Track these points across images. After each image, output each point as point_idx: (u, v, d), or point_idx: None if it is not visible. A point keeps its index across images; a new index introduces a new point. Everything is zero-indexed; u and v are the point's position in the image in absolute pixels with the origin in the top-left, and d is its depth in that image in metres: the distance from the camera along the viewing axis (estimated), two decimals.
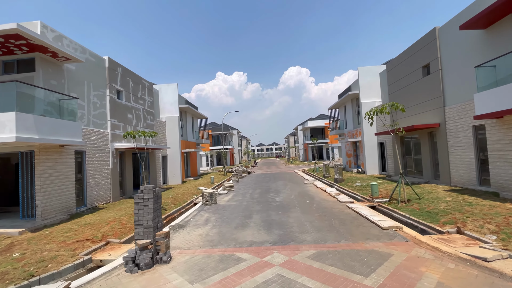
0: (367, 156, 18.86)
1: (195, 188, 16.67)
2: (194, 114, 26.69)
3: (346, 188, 14.06)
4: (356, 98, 22.45)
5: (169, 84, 20.01)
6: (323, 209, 9.77)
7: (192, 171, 24.96)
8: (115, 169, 12.99)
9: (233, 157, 54.51)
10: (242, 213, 9.73)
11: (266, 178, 23.08)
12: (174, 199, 12.77)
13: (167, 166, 19.31)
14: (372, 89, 19.15)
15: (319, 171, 23.88)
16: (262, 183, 18.97)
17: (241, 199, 12.81)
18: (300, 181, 19.01)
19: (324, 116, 50.90)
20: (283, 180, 20.69)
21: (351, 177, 17.60)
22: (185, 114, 24.31)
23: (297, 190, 14.85)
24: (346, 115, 25.29)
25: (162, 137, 18.93)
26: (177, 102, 19.92)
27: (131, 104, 14.91)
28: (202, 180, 21.47)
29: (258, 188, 16.53)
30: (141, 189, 5.73)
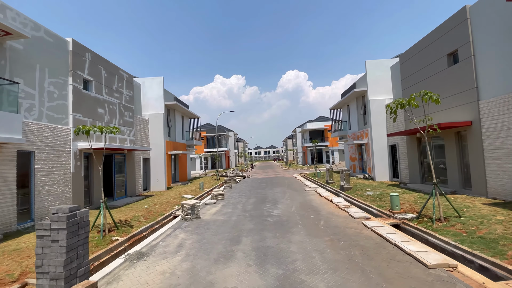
0: (376, 160, 16.73)
1: (180, 196, 14.39)
2: (184, 113, 24.46)
3: (356, 198, 11.88)
4: (362, 96, 20.40)
5: (153, 78, 17.81)
6: (333, 228, 7.56)
7: (181, 175, 22.66)
8: (78, 174, 10.69)
9: (228, 160, 52.21)
10: (228, 233, 7.49)
11: (263, 183, 20.85)
12: (149, 212, 10.48)
13: (149, 170, 17.02)
14: (381, 85, 17.09)
15: (321, 176, 21.69)
16: (257, 190, 16.73)
17: (230, 211, 10.55)
18: (301, 188, 16.81)
19: (324, 118, 48.92)
20: (281, 186, 18.47)
21: (358, 184, 15.42)
22: (174, 112, 22.07)
23: (298, 199, 12.64)
24: (350, 115, 23.21)
25: (144, 137, 16.67)
26: (163, 97, 17.70)
27: (104, 97, 12.66)
28: (191, 186, 19.18)
29: (253, 196, 14.28)
30: (51, 213, 3.50)
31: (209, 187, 19.20)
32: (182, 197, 14.05)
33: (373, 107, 16.95)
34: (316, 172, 23.38)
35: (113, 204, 11.93)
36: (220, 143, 46.73)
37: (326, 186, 16.77)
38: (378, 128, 16.80)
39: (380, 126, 16.78)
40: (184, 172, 23.32)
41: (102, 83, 12.67)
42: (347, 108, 24.11)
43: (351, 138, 22.55)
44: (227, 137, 51.74)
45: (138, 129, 15.99)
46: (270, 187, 18.27)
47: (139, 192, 15.65)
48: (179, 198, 13.70)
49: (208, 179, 23.98)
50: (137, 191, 15.40)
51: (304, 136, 50.07)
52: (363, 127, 20.41)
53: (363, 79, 19.48)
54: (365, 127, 19.79)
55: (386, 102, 16.84)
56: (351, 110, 22.72)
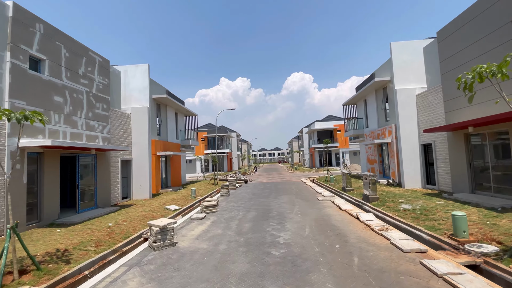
0: (405, 163, 13.65)
1: (163, 206, 11.59)
2: (178, 110, 21.76)
3: (390, 213, 8.89)
4: (383, 87, 17.38)
5: (137, 65, 15.13)
6: (377, 274, 4.63)
7: (174, 179, 19.89)
8: (18, 180, 7.98)
9: (231, 162, 49.43)
10: (206, 284, 4.61)
11: (266, 190, 17.92)
12: (110, 233, 7.68)
13: (131, 174, 14.28)
14: (410, 71, 14.07)
15: (334, 181, 18.65)
16: (259, 199, 13.82)
17: (220, 233, 7.68)
18: (312, 197, 13.85)
19: (333, 118, 45.81)
20: (288, 193, 15.52)
21: (384, 192, 12.40)
22: (165, 108, 19.38)
23: (312, 214, 9.70)
24: (368, 111, 20.17)
25: (125, 135, 13.95)
26: (148, 88, 14.99)
27: (63, 82, 9.97)
28: (183, 192, 16.37)
29: (253, 208, 11.37)
30: None
31: (204, 193, 16.37)
32: (165, 209, 11.24)
33: (401, 98, 13.92)
34: (328, 176, 20.34)
35: (70, 219, 9.18)
36: (222, 144, 44.00)
37: (343, 195, 13.77)
38: (407, 123, 13.76)
39: (409, 121, 13.74)
40: (177, 175, 20.57)
41: (61, 64, 9.98)
42: (363, 103, 21.07)
43: (369, 138, 19.49)
44: (230, 138, 49.00)
45: (116, 125, 13.29)
46: (275, 194, 15.33)
47: (115, 201, 12.90)
48: (161, 210, 10.89)
49: (205, 184, 21.16)
50: (112, 201, 12.66)
51: (311, 136, 46.98)
52: (384, 124, 17.37)
53: (386, 67, 16.48)
54: (388, 123, 16.75)
55: (417, 92, 13.80)
56: (369, 105, 19.68)
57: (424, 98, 13.10)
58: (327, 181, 19.64)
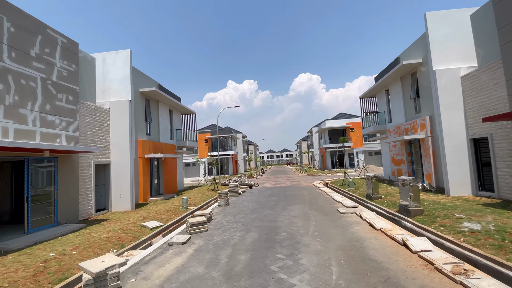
0: (450, 163, 10.72)
1: (140, 223, 9.09)
2: (173, 107, 19.39)
3: (450, 236, 6.09)
4: (411, 72, 14.50)
5: (117, 52, 12.78)
6: None
7: (168, 185, 17.47)
8: None
9: (236, 164, 46.89)
10: None
11: (273, 197, 15.23)
12: (38, 274, 5.18)
13: (110, 181, 11.88)
14: (452, 48, 11.18)
15: (354, 186, 15.79)
16: (264, 211, 11.15)
17: (199, 277, 5.05)
18: (331, 207, 11.09)
19: (345, 115, 42.71)
20: (299, 202, 12.80)
21: (426, 201, 9.53)
22: (157, 104, 17.03)
23: (336, 238, 6.95)
24: (391, 103, 17.27)
25: (100, 133, 11.58)
26: (130, 78, 12.60)
27: (4, 63, 7.64)
28: (173, 202, 13.88)
29: (255, 226, 8.69)
30: None
31: (199, 202, 13.82)
32: (141, 226, 8.74)
33: (442, 81, 11.03)
34: (346, 179, 17.46)
35: (6, 244, 6.77)
36: (226, 145, 41.55)
37: (369, 204, 10.96)
38: (451, 113, 10.85)
39: (453, 110, 10.84)
40: (172, 181, 18.14)
41: (2, 41, 7.66)
42: (385, 95, 18.17)
43: (394, 134, 16.57)
44: (235, 139, 46.53)
45: (88, 122, 10.92)
46: (284, 203, 12.63)
47: (87, 215, 10.50)
48: (135, 229, 8.39)
49: (204, 190, 18.63)
50: (82, 215, 10.26)
51: (322, 136, 43.98)
52: (414, 116, 14.46)
53: (416, 48, 13.64)
54: (419, 115, 13.85)
55: (463, 73, 10.90)
56: (393, 96, 16.77)
57: (474, 79, 10.20)
58: (344, 186, 16.80)
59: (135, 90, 14.43)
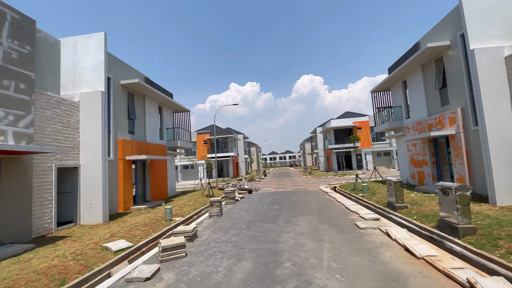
0: (495, 165, 8.57)
1: (103, 244, 7.08)
2: (163, 103, 17.47)
3: None
4: (435, 58, 12.40)
5: (90, 35, 10.86)
6: None
7: (156, 191, 15.48)
8: None
9: (237, 166, 44.87)
10: None
11: (275, 205, 13.16)
12: None
13: (78, 187, 9.91)
14: (492, 22, 9.08)
15: (369, 192, 13.66)
16: (263, 225, 9.07)
17: None
18: (346, 220, 8.99)
19: (351, 114, 40.54)
20: (306, 212, 10.71)
21: None
22: (143, 100, 15.11)
23: (366, 274, 4.85)
24: (409, 95, 15.16)
25: (66, 130, 9.63)
26: (103, 66, 10.66)
27: None
28: (157, 212, 11.88)
29: (250, 249, 6.59)
30: None
31: (188, 212, 11.80)
32: (102, 249, 6.73)
33: (482, 63, 8.91)
34: (357, 183, 15.32)
35: None
36: (226, 147, 39.57)
37: (393, 216, 8.85)
38: (495, 102, 8.73)
39: (499, 98, 8.72)
40: (161, 186, 16.15)
41: None
42: (401, 87, 16.05)
43: (413, 131, 14.43)
44: (235, 141, 44.55)
45: (49, 117, 8.99)
46: (287, 214, 10.55)
47: (44, 231, 8.52)
48: (92, 254, 6.38)
49: (197, 196, 16.59)
50: (38, 230, 8.28)
51: (327, 136, 41.80)
52: (440, 109, 12.33)
53: (444, 27, 11.58)
54: (447, 108, 11.74)
55: (507, 53, 8.79)
56: (412, 87, 14.65)
57: None
58: (356, 191, 14.67)
59: (115, 82, 12.52)
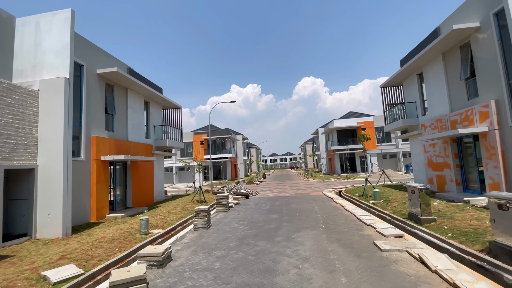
0: None
1: (42, 270, 5.32)
2: (150, 97, 15.78)
3: None
4: (461, 44, 10.67)
5: (54, 13, 9.17)
6: None
7: (140, 196, 13.74)
8: None
9: (236, 168, 43.11)
10: None
11: (273, 214, 11.40)
12: None
13: (35, 193, 8.16)
14: None
15: (382, 198, 11.89)
16: (257, 242, 7.30)
17: None
18: (361, 237, 7.22)
19: (355, 114, 38.80)
20: (311, 225, 8.93)
21: None
22: (126, 93, 13.42)
23: None
24: (426, 89, 13.41)
25: (17, 124, 7.91)
26: (69, 48, 8.96)
27: None
28: (134, 222, 10.11)
29: (236, 283, 4.84)
30: None
31: (172, 222, 10.04)
32: (39, 279, 4.98)
33: None
34: (367, 188, 13.53)
35: None
36: (224, 147, 37.83)
37: (418, 231, 7.08)
38: None
39: None
40: (146, 190, 14.40)
41: None
42: (416, 80, 14.30)
43: (431, 129, 12.69)
44: (234, 141, 42.82)
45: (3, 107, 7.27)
46: (288, 228, 8.77)
47: None
48: (23, 287, 4.62)
49: (186, 202, 14.82)
50: None
51: (329, 137, 40.02)
52: (466, 103, 10.59)
53: (470, 7, 9.88)
54: (475, 102, 10.00)
55: None
56: (430, 80, 12.91)
57: None
58: (365, 197, 12.90)
59: (90, 71, 10.84)
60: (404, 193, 12.81)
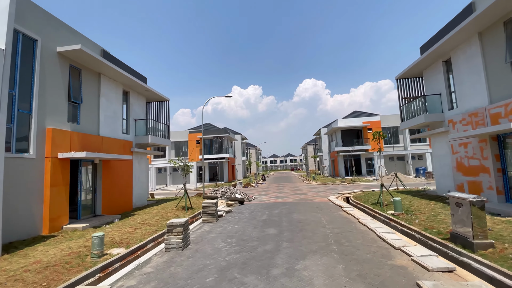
0: None
1: None
2: (131, 87, 13.72)
3: None
4: (504, 20, 8.54)
5: None
6: None
7: (113, 202, 11.65)
8: None
9: (233, 170, 40.97)
10: None
11: (270, 228, 9.28)
12: None
13: None
14: None
15: (405, 210, 9.74)
16: (244, 278, 5.19)
17: None
18: (395, 272, 5.07)
19: (360, 114, 36.65)
20: (319, 247, 6.80)
21: None
22: (98, 79, 11.35)
23: None
24: (456, 77, 11.26)
25: None
26: (7, 13, 6.89)
27: None
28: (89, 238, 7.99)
29: None
30: None
31: (140, 237, 7.92)
32: None
33: None
34: (381, 195, 11.36)
35: None
36: (221, 147, 35.71)
37: (474, 262, 4.94)
38: None
39: None
40: (123, 193, 12.30)
41: None
42: (442, 68, 12.17)
43: (462, 125, 10.56)
44: (231, 141, 40.72)
45: None
46: (288, 252, 6.64)
47: None
48: None
49: (170, 208, 12.69)
50: None
51: (332, 138, 37.87)
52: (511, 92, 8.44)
53: None
54: None
55: None
56: (461, 66, 10.77)
57: None
58: (381, 206, 10.75)
59: (47, 48, 8.78)
60: (427, 202, 10.68)
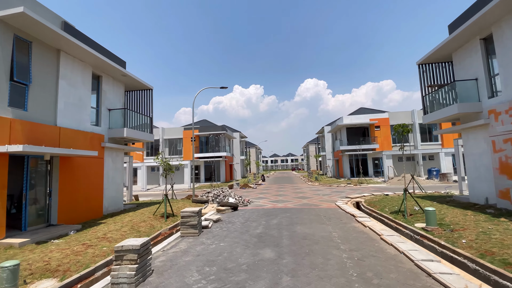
0: None
1: None
2: (103, 70, 11.60)
3: None
4: None
5: None
6: None
7: (74, 208, 9.54)
8: None
9: (231, 169, 38.84)
10: None
11: (267, 249, 7.15)
12: None
13: None
14: None
15: (445, 225, 7.57)
16: None
17: None
18: None
19: (367, 110, 34.45)
20: None
21: None
22: (57, 56, 9.22)
23: None
24: (499, 59, 9.04)
25: None
26: None
27: None
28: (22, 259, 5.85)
29: None
30: None
31: (88, 261, 5.79)
32: None
33: None
34: (405, 199, 9.19)
35: None
36: (218, 145, 33.57)
37: None
38: None
39: None
40: (91, 197, 10.18)
41: None
42: (480, 46, 9.94)
43: (509, 117, 8.37)
44: (229, 139, 38.58)
45: None
46: None
47: None
48: None
49: (146, 216, 10.55)
50: None
51: (337, 136, 35.67)
52: None
53: None
54: None
55: None
56: (506, 44, 8.56)
57: None
58: (406, 217, 8.58)
59: None
60: (463, 212, 8.54)
